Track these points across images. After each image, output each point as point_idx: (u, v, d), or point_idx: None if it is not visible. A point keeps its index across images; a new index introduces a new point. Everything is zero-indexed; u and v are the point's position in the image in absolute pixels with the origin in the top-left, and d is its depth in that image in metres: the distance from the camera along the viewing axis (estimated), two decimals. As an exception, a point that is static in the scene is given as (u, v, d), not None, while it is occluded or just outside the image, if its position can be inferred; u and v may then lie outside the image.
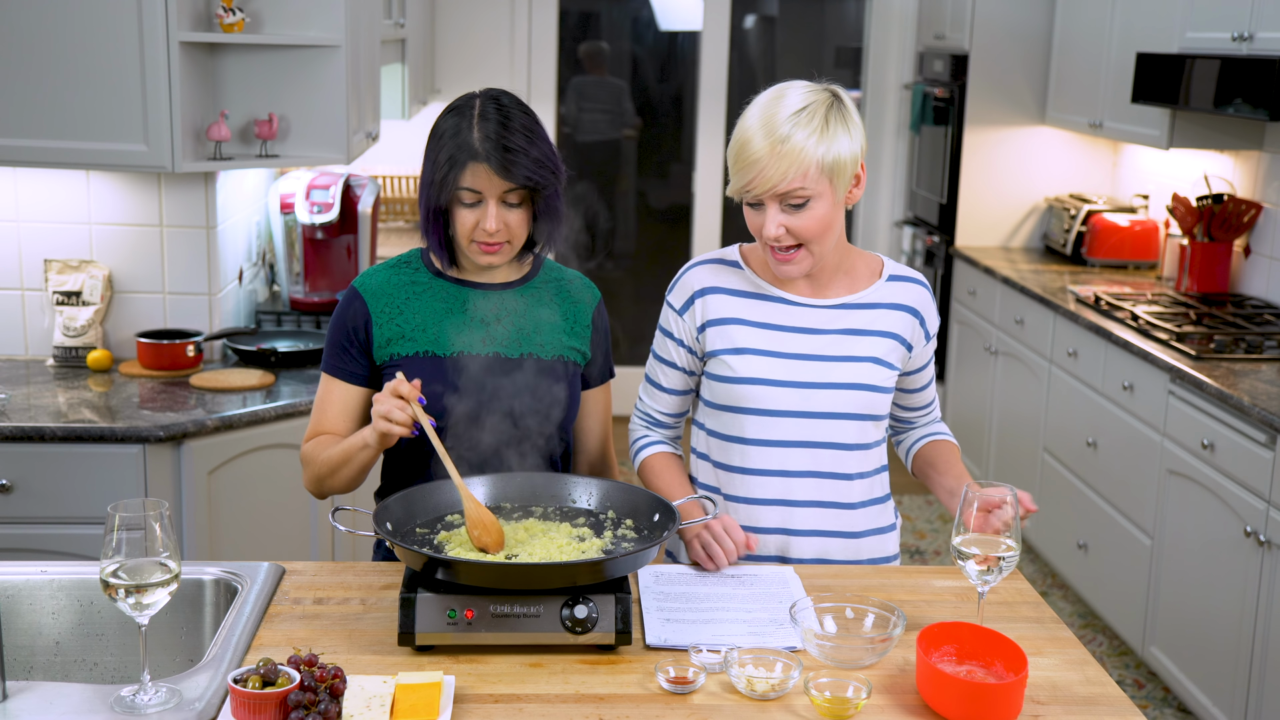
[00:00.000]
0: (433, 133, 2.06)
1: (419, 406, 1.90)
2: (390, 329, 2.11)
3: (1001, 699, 1.61)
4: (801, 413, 2.07)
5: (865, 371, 2.08)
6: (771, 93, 1.99)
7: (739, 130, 1.98)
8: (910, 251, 5.97)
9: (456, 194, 2.01)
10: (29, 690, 1.63)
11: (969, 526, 1.77)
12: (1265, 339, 3.73)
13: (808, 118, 1.93)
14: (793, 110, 1.94)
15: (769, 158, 1.93)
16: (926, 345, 2.16)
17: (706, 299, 2.12)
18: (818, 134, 1.93)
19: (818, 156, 1.93)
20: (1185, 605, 3.57)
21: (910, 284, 2.15)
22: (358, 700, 1.56)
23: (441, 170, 2.01)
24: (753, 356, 2.08)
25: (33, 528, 2.82)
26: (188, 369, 3.22)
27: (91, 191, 3.25)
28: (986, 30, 5.36)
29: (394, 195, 5.61)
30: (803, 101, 1.95)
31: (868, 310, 2.11)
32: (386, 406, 1.90)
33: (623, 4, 6.23)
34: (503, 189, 2.01)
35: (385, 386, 1.92)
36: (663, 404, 2.21)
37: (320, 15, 3.25)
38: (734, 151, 1.97)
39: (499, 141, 1.98)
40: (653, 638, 1.80)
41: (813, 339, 2.08)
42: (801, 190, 1.94)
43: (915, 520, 5.10)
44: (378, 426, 1.91)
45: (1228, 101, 3.73)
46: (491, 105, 2.03)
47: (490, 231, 2.02)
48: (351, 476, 2.06)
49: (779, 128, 1.93)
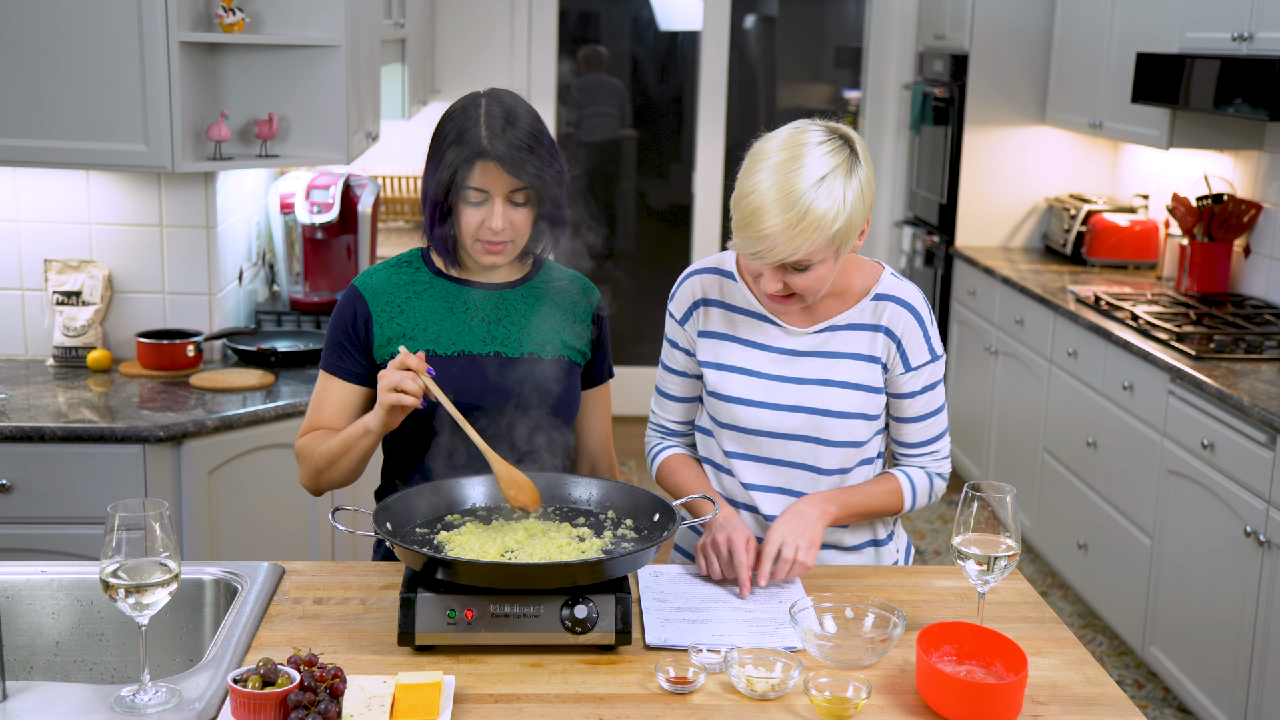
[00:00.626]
0: (437, 132, 2.06)
1: (429, 377, 1.90)
2: (391, 328, 2.11)
3: (1001, 699, 1.61)
4: (776, 434, 2.06)
5: (840, 397, 2.05)
6: (785, 148, 1.87)
7: (750, 189, 1.86)
8: (910, 251, 5.97)
9: (463, 192, 2.01)
10: (29, 690, 1.63)
11: (969, 527, 1.77)
12: (1265, 339, 3.73)
13: (828, 190, 1.84)
14: (813, 181, 1.83)
15: (784, 232, 1.83)
16: (908, 374, 2.06)
17: (704, 310, 2.13)
18: (836, 207, 1.84)
19: (831, 231, 1.86)
20: (1185, 605, 3.57)
21: (893, 304, 2.05)
22: (358, 700, 1.56)
23: (448, 168, 2.01)
24: (733, 375, 2.08)
25: (33, 528, 2.82)
26: (188, 369, 3.22)
27: (91, 191, 3.25)
28: (986, 30, 5.36)
29: (394, 195, 5.61)
30: (823, 168, 1.84)
31: (846, 331, 2.06)
32: (396, 378, 1.89)
33: (623, 4, 6.23)
34: (510, 187, 2.01)
35: (390, 362, 1.92)
36: (674, 412, 2.22)
37: (320, 15, 3.25)
38: (744, 215, 1.86)
39: (507, 140, 1.99)
40: (653, 638, 1.80)
41: (794, 362, 2.07)
42: (809, 259, 1.90)
43: (915, 520, 5.10)
44: (386, 400, 1.90)
45: (1228, 101, 3.73)
46: (497, 104, 2.03)
47: (496, 230, 2.02)
48: (351, 467, 2.05)
49: (798, 201, 1.83)
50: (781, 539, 1.96)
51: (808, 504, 2.01)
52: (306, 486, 2.14)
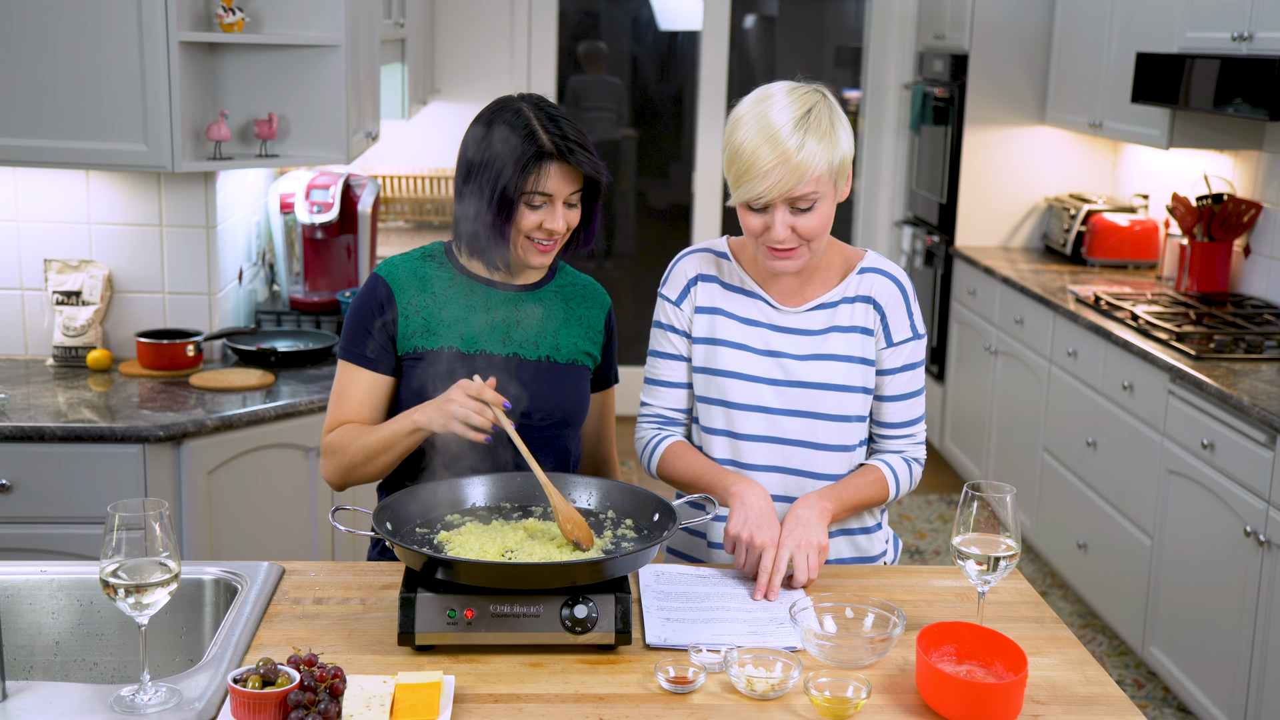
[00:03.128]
0: (480, 138, 2.04)
1: (501, 410, 1.89)
2: (416, 321, 2.11)
3: (1001, 699, 1.61)
4: (769, 409, 2.08)
5: (834, 370, 2.07)
6: (758, 100, 1.98)
7: (738, 141, 1.95)
8: (910, 251, 5.97)
9: (525, 196, 2.01)
10: (29, 690, 1.63)
11: (968, 526, 1.77)
12: (1265, 339, 3.73)
13: (814, 123, 1.94)
14: (797, 117, 1.93)
15: (783, 168, 1.91)
16: (890, 349, 2.10)
17: (699, 286, 2.14)
18: (826, 138, 1.94)
19: (828, 160, 1.94)
20: (1185, 605, 3.57)
21: (879, 276, 2.11)
22: (357, 700, 1.56)
23: (511, 173, 2.00)
24: (727, 349, 2.10)
25: (33, 528, 2.82)
26: (187, 369, 3.22)
27: (91, 191, 3.25)
28: (986, 30, 5.36)
29: (394, 195, 5.61)
30: (803, 105, 1.95)
31: (834, 308, 2.10)
32: (467, 410, 1.88)
33: (623, 4, 6.23)
34: (574, 188, 2.03)
35: (458, 386, 1.91)
36: (669, 400, 2.20)
37: (320, 15, 3.25)
38: (741, 165, 1.95)
39: (570, 141, 2.01)
40: (653, 637, 1.80)
41: (787, 338, 2.09)
42: (814, 194, 1.95)
43: (915, 520, 5.10)
44: (453, 428, 1.89)
45: (1227, 101, 3.73)
46: (540, 110, 2.04)
47: (556, 232, 2.04)
48: (389, 464, 2.05)
49: (788, 138, 1.92)
50: (789, 554, 1.95)
51: (805, 507, 2.01)
52: (331, 482, 2.13)
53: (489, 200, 2.02)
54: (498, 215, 2.02)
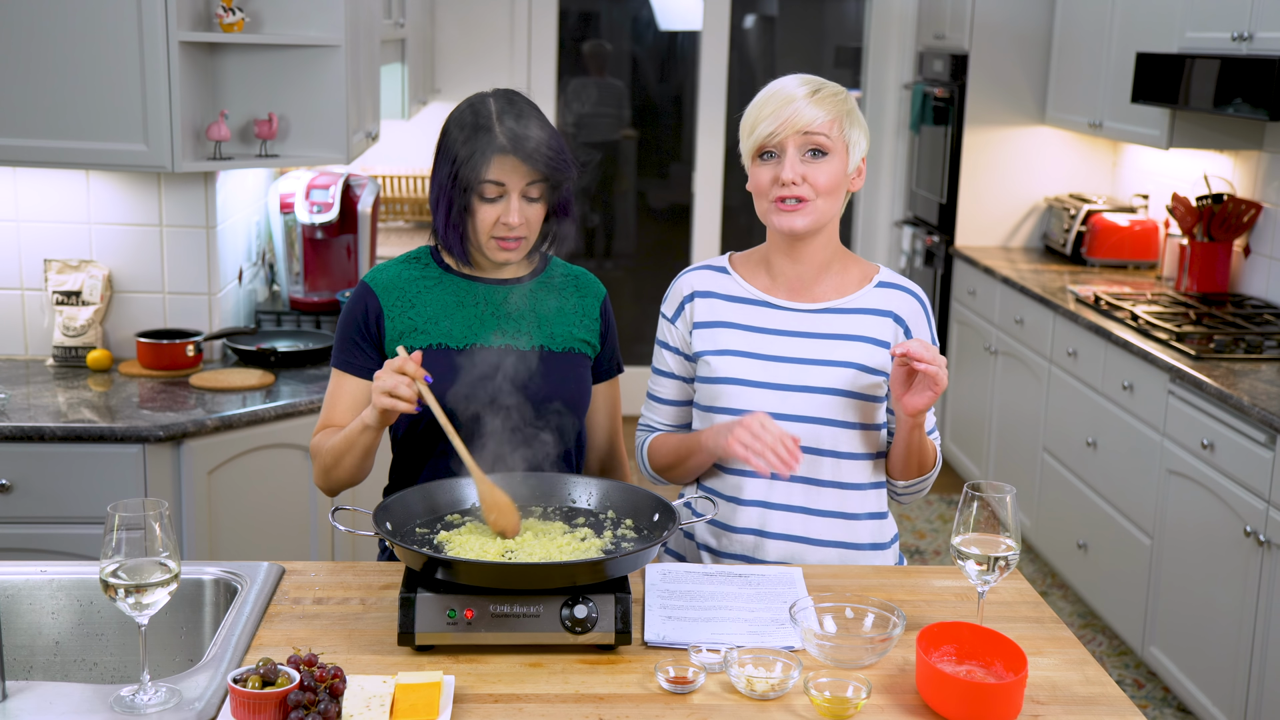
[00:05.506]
0: (446, 131, 2.07)
1: (424, 384, 1.90)
2: (402, 322, 2.12)
3: (1001, 699, 1.61)
4: (778, 414, 2.06)
5: (844, 376, 2.06)
6: (778, 82, 2.07)
7: (753, 103, 2.05)
8: (910, 251, 5.97)
9: (479, 188, 2.02)
10: (29, 690, 1.63)
11: (969, 525, 1.77)
12: (1265, 339, 3.73)
13: (829, 87, 2.05)
14: (811, 80, 2.04)
15: (806, 98, 2.00)
16: None
17: (696, 302, 2.14)
18: (841, 99, 2.04)
19: (845, 109, 2.03)
20: (1185, 605, 3.57)
21: (900, 292, 2.13)
22: (357, 700, 1.56)
23: (464, 164, 2.01)
24: (733, 358, 2.09)
25: (33, 528, 2.82)
26: (187, 369, 3.22)
27: (91, 191, 3.25)
28: (986, 30, 5.36)
29: (394, 195, 5.61)
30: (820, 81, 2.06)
31: (850, 315, 2.10)
32: (391, 382, 1.89)
33: (623, 4, 6.23)
34: (526, 180, 2.03)
35: (386, 363, 1.92)
36: (663, 415, 2.22)
37: (320, 15, 3.25)
38: (754, 117, 2.03)
39: (523, 132, 2.01)
40: (651, 634, 1.80)
41: (795, 342, 2.09)
42: (827, 139, 2.00)
43: (915, 520, 5.10)
44: (380, 403, 1.90)
45: (1227, 101, 3.73)
46: (506, 101, 2.05)
47: (512, 225, 2.03)
48: (356, 463, 2.05)
49: (799, 88, 2.02)
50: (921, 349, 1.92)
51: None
52: (319, 485, 2.15)
53: (445, 190, 2.05)
54: (453, 206, 2.05)
